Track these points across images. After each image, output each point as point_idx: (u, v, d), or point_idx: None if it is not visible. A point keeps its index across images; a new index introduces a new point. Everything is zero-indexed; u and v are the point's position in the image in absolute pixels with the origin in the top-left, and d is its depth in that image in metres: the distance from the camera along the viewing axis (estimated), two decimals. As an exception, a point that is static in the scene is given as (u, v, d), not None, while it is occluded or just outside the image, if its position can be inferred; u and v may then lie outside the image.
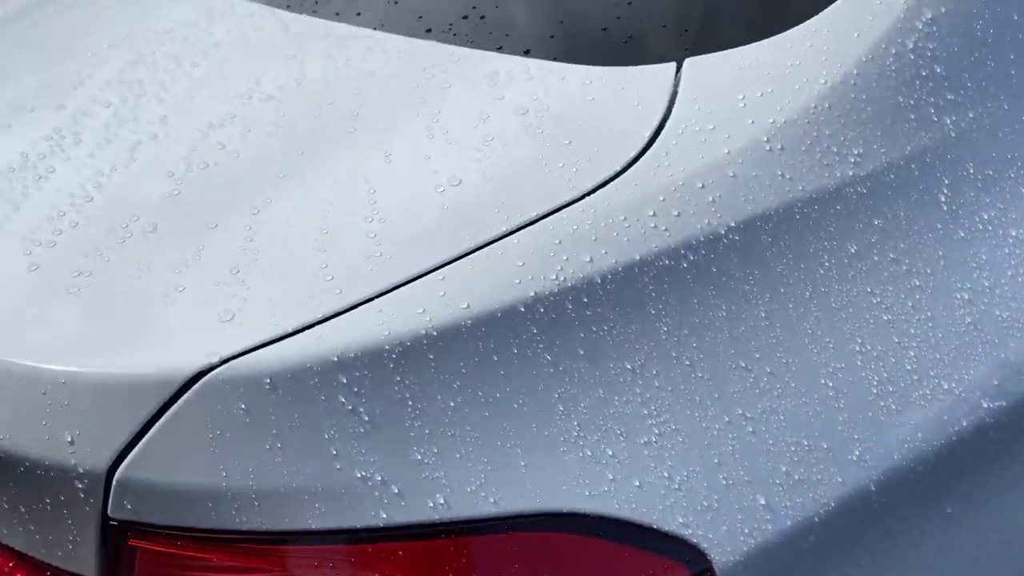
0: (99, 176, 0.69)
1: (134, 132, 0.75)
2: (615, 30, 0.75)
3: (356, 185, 0.62)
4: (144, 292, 0.55)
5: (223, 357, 0.48)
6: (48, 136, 0.77)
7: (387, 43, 0.83)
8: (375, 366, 0.49)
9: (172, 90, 0.82)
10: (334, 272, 0.54)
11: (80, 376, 0.48)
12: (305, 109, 0.74)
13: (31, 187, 0.69)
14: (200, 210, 0.62)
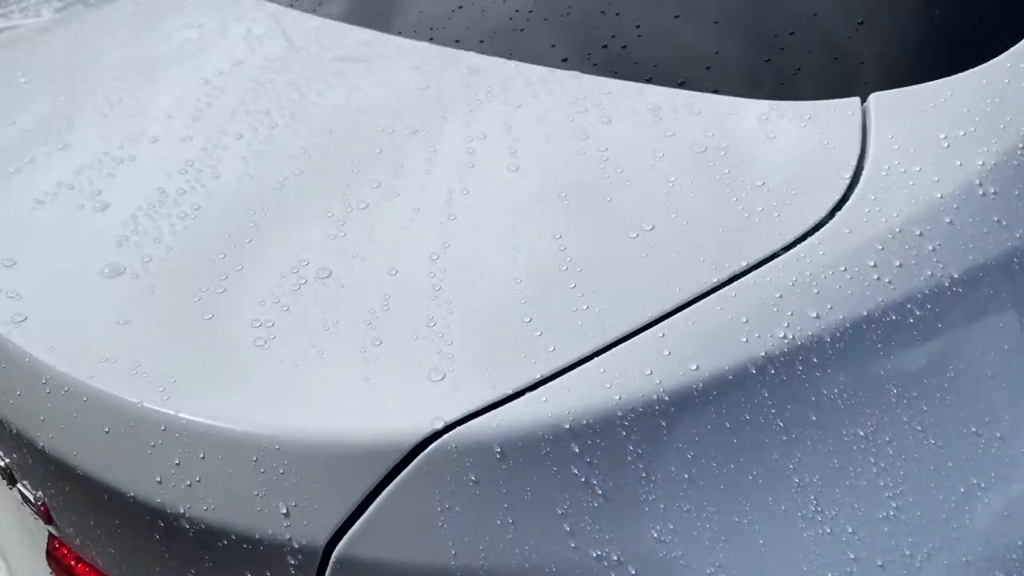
0: (251, 215, 0.66)
1: (276, 167, 0.72)
2: (781, 62, 0.71)
3: (539, 229, 0.59)
4: (339, 347, 0.51)
5: (447, 422, 0.45)
6: (182, 170, 0.74)
7: (525, 73, 0.80)
8: (607, 433, 0.45)
9: (305, 122, 0.79)
10: (541, 327, 0.51)
11: (294, 443, 0.45)
12: (458, 144, 0.71)
13: (179, 226, 0.66)
14: (373, 253, 0.59)
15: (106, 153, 0.79)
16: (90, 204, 0.71)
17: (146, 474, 0.47)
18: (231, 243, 0.63)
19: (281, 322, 0.54)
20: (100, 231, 0.67)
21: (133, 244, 0.64)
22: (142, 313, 0.56)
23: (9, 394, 0.54)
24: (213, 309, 0.56)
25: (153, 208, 0.69)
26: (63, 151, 0.80)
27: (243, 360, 0.51)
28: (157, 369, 0.51)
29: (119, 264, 0.62)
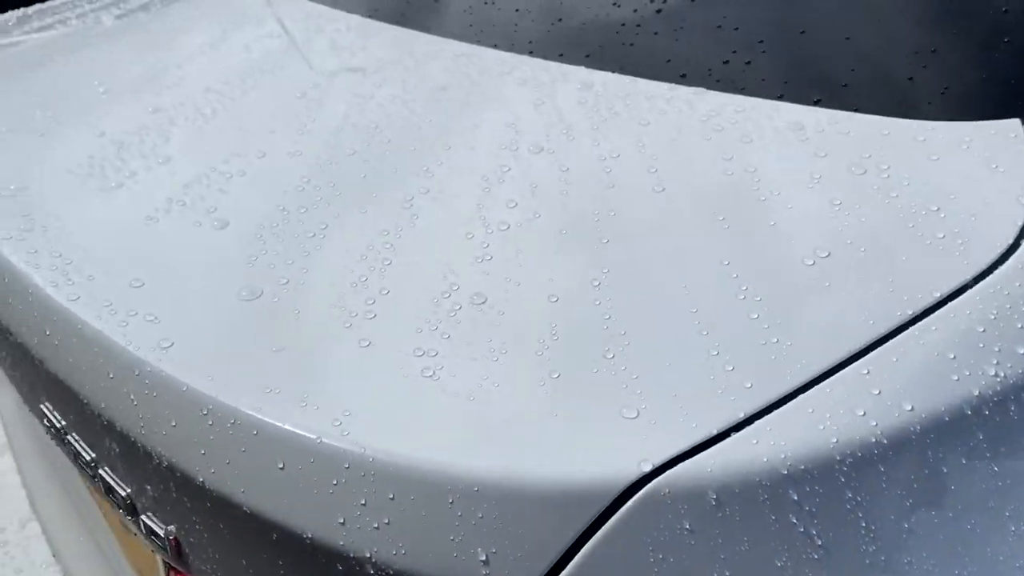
0: (384, 235, 0.63)
1: (401, 185, 0.69)
2: (925, 81, 0.69)
3: (703, 254, 0.56)
4: (514, 379, 0.48)
5: (655, 465, 0.42)
6: (299, 187, 0.71)
7: (644, 89, 0.78)
8: (825, 479, 0.43)
9: (419, 138, 0.76)
10: (730, 361, 0.48)
11: (494, 485, 0.42)
12: (593, 163, 0.68)
13: (309, 246, 0.63)
14: (527, 279, 0.56)
15: (213, 168, 0.76)
16: (207, 221, 0.68)
17: (326, 514, 0.45)
18: (369, 265, 0.60)
19: (444, 351, 0.51)
20: (225, 250, 0.64)
21: (264, 265, 0.61)
22: (293, 339, 0.54)
23: (159, 424, 0.51)
24: (368, 336, 0.53)
25: (277, 226, 0.66)
26: (164, 165, 0.78)
27: (415, 392, 0.48)
28: (327, 401, 0.48)
29: (255, 286, 0.59)
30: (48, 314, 0.59)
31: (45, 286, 0.60)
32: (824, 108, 0.70)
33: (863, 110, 0.69)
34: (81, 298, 0.58)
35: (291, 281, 0.59)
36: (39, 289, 0.60)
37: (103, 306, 0.57)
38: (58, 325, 0.58)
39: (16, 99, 0.97)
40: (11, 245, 0.65)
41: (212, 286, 0.60)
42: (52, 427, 0.70)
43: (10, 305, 0.63)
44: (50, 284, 0.60)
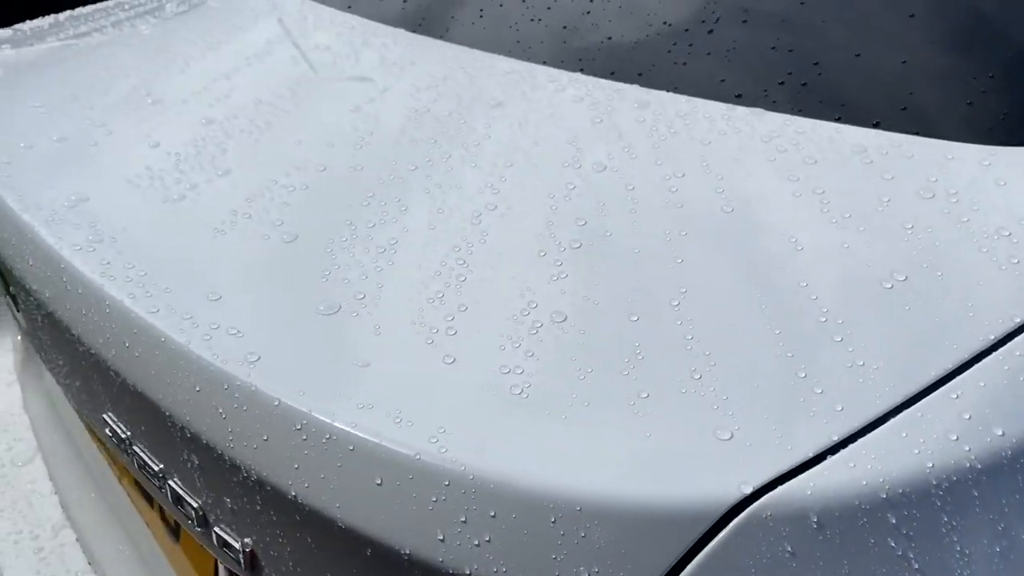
0: (455, 251, 0.64)
1: (468, 201, 0.70)
2: (986, 105, 0.70)
3: (780, 274, 0.57)
4: (604, 398, 0.49)
5: (755, 487, 0.43)
6: (364, 201, 0.72)
7: (701, 109, 0.79)
8: (922, 503, 0.43)
9: (480, 154, 0.77)
10: (819, 383, 0.49)
11: (595, 505, 0.43)
12: (658, 182, 0.69)
13: (381, 262, 0.64)
14: (605, 298, 0.57)
15: (274, 181, 0.77)
16: (276, 235, 0.69)
17: (425, 531, 0.45)
18: (444, 281, 0.61)
19: (530, 368, 0.52)
20: (297, 264, 0.65)
21: (340, 280, 0.62)
22: (378, 355, 0.54)
23: (249, 439, 0.51)
24: (452, 352, 0.54)
25: (347, 241, 0.67)
26: (225, 177, 0.79)
27: (507, 410, 0.49)
28: (420, 417, 0.48)
29: (333, 301, 0.60)
30: (127, 327, 0.59)
31: (123, 298, 0.60)
32: (885, 131, 0.71)
33: (924, 134, 0.70)
34: (161, 311, 0.59)
35: (367, 296, 0.60)
36: (117, 302, 0.60)
37: (184, 319, 0.58)
38: (139, 338, 0.58)
39: (63, 106, 0.98)
40: (82, 257, 0.66)
41: (289, 300, 0.60)
42: (115, 437, 0.71)
43: (83, 316, 0.63)
44: (128, 296, 0.60)
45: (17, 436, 1.36)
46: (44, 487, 1.25)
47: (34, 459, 1.31)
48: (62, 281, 0.65)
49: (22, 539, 1.16)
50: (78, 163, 0.84)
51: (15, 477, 1.28)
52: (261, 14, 1.24)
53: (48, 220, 0.72)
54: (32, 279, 0.70)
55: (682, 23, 0.89)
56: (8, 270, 0.79)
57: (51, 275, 0.67)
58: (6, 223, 0.75)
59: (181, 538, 0.85)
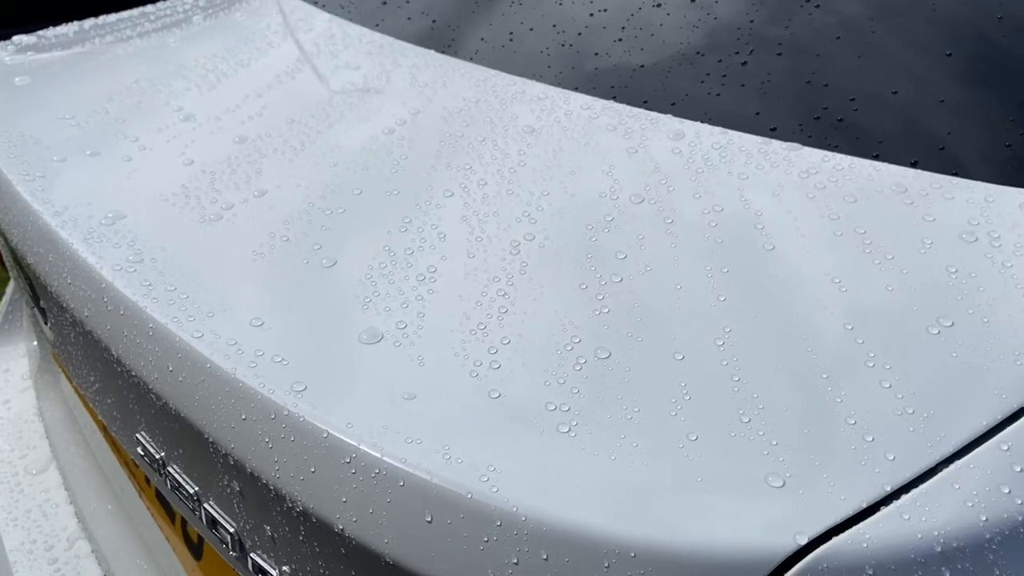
0: (495, 282, 0.64)
1: (505, 230, 0.70)
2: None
3: (821, 316, 0.57)
4: (650, 439, 0.49)
5: (810, 538, 0.43)
6: (401, 227, 0.72)
7: (737, 142, 0.79)
8: (976, 558, 0.43)
9: (517, 182, 0.77)
10: (870, 431, 0.49)
11: (648, 553, 0.43)
12: (696, 217, 0.69)
13: (421, 290, 0.64)
14: (649, 335, 0.57)
15: (311, 203, 0.77)
16: (315, 260, 0.69)
17: (476, 571, 0.45)
18: (486, 312, 0.61)
19: (576, 406, 0.52)
20: (337, 290, 0.65)
21: (381, 308, 0.62)
22: (423, 387, 0.54)
23: (295, 469, 0.51)
24: (496, 387, 0.54)
25: (386, 268, 0.67)
26: (261, 199, 0.79)
27: (555, 449, 0.49)
28: (468, 454, 0.49)
29: (375, 330, 0.60)
30: (171, 351, 0.59)
31: (166, 322, 0.60)
32: (923, 171, 0.71)
33: (962, 174, 0.70)
34: (205, 336, 0.59)
35: (408, 326, 0.60)
36: (160, 325, 0.60)
37: (229, 345, 0.58)
38: (183, 363, 0.58)
39: (93, 119, 0.98)
40: (124, 278, 0.66)
41: (331, 328, 0.61)
42: (147, 456, 0.71)
43: (125, 338, 0.63)
44: (171, 320, 0.60)
45: (31, 444, 1.36)
46: (59, 496, 1.25)
47: (48, 467, 1.31)
48: (103, 301, 0.65)
49: (36, 549, 1.16)
50: (112, 178, 0.84)
51: (29, 485, 1.28)
52: (288, 30, 1.24)
53: (87, 237, 0.72)
54: (70, 297, 0.70)
55: (716, 53, 0.90)
56: (43, 286, 0.79)
57: (91, 294, 0.67)
58: (43, 239, 0.75)
59: (204, 557, 0.85)
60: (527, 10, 1.09)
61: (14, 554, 1.14)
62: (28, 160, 0.89)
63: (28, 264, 0.80)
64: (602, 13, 1.03)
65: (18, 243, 0.81)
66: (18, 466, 1.31)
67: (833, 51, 0.84)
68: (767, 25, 0.90)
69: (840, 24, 0.86)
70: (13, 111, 1.04)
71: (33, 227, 0.77)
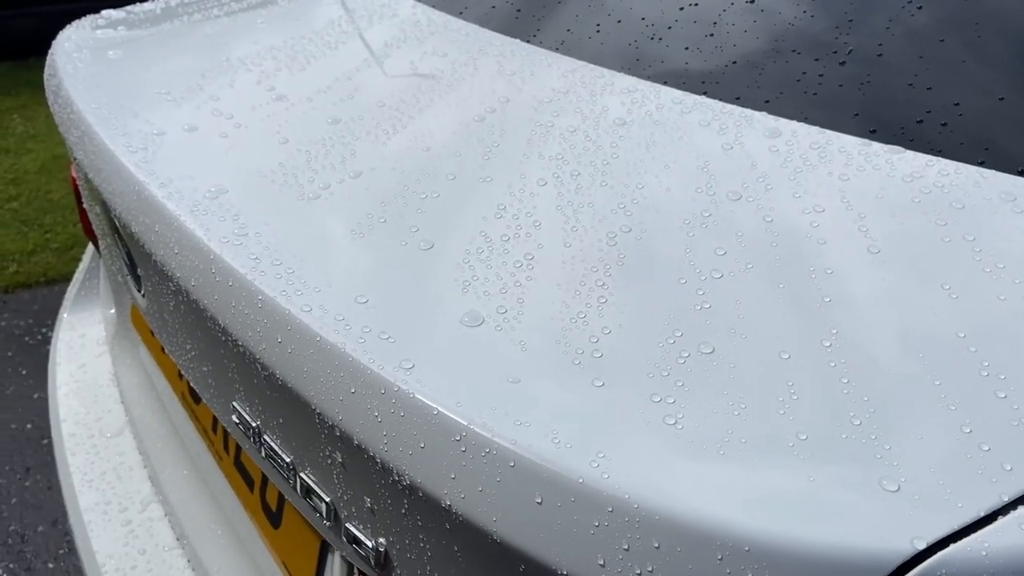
0: (593, 272, 0.65)
1: (600, 222, 0.71)
2: None
3: (932, 322, 0.56)
4: (759, 436, 0.49)
5: (928, 543, 0.42)
6: (496, 214, 0.73)
7: (836, 143, 0.78)
8: (1099, 572, 0.42)
9: (608, 173, 0.78)
10: (986, 440, 0.48)
11: (763, 548, 0.43)
12: (796, 217, 0.68)
13: (519, 276, 0.65)
14: (753, 332, 0.57)
15: (405, 187, 0.79)
16: (413, 241, 0.70)
17: (585, 554, 0.46)
18: (584, 302, 0.61)
19: (681, 400, 0.52)
20: (436, 272, 0.66)
21: (480, 291, 0.63)
22: (527, 372, 0.55)
23: (404, 444, 0.53)
24: (600, 375, 0.54)
25: (482, 253, 0.68)
26: (357, 180, 0.81)
27: (662, 439, 0.49)
28: (577, 440, 0.49)
29: (476, 313, 0.61)
30: (280, 323, 0.61)
31: (275, 295, 0.62)
32: (1038, 181, 0.69)
33: (1075, 185, 0.68)
34: (313, 310, 0.60)
35: (509, 311, 0.61)
36: (270, 299, 0.62)
37: (337, 320, 0.59)
38: (292, 335, 0.60)
39: (188, 95, 1.01)
40: (231, 250, 0.68)
41: (433, 308, 0.62)
42: (242, 424, 0.73)
43: (233, 308, 0.65)
44: (280, 293, 0.62)
45: (107, 407, 1.41)
46: (133, 459, 1.29)
47: (123, 431, 1.36)
48: (211, 272, 0.68)
49: (110, 510, 1.20)
50: (212, 154, 0.87)
51: (104, 448, 1.33)
52: (374, 15, 1.26)
53: (193, 210, 0.74)
54: (176, 267, 0.73)
55: (813, 51, 0.89)
56: (145, 255, 0.82)
57: (200, 265, 0.69)
58: (149, 210, 0.78)
59: (283, 525, 0.87)
60: (615, 1, 1.09)
61: (88, 514, 1.18)
62: (130, 133, 0.92)
63: (132, 233, 0.83)
64: (693, 7, 1.02)
65: (122, 212, 0.84)
66: (93, 428, 1.36)
67: (937, 53, 0.82)
68: (867, 24, 0.88)
69: (945, 25, 0.85)
70: (112, 84, 1.07)
71: (139, 198, 0.80)
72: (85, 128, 0.96)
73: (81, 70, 1.14)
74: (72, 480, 1.24)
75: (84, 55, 1.20)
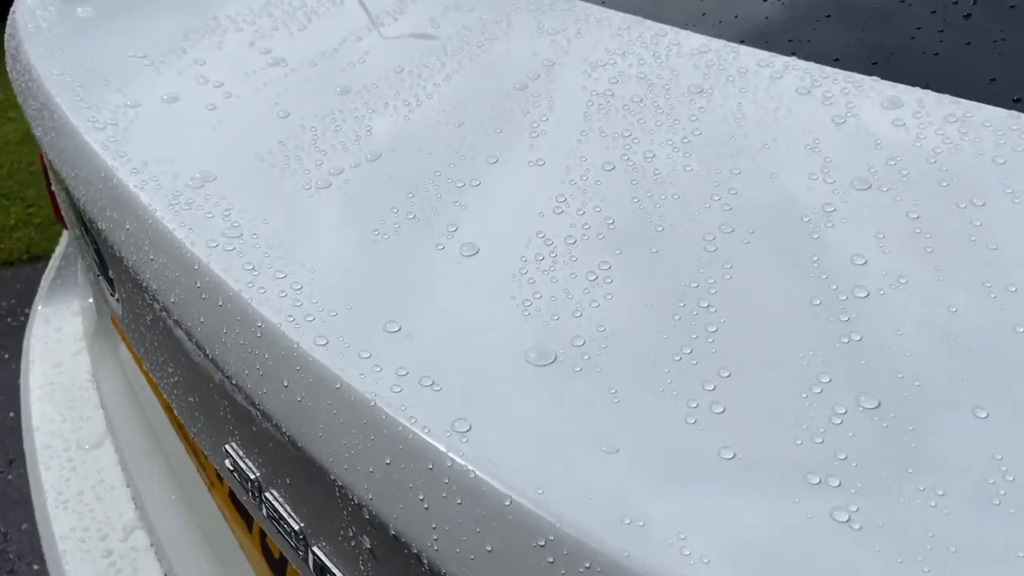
0: (693, 288, 0.49)
1: (692, 219, 0.55)
2: None
3: None
4: (957, 542, 0.34)
5: None
6: (556, 208, 0.58)
7: (978, 114, 0.62)
8: None
9: (693, 154, 0.62)
10: None
11: None
12: (947, 211, 0.53)
13: (595, 294, 0.50)
14: (927, 377, 0.42)
15: (436, 172, 0.63)
16: (452, 246, 0.55)
17: None
18: (687, 331, 0.46)
19: (851, 481, 0.38)
20: (487, 288, 0.51)
21: (546, 316, 0.48)
22: (624, 435, 0.40)
23: (459, 540, 0.38)
24: (729, 442, 0.39)
25: (544, 261, 0.52)
26: (375, 164, 0.65)
27: (838, 548, 0.35)
28: (715, 550, 0.34)
29: (545, 346, 0.46)
30: (287, 359, 0.46)
31: (280, 322, 0.47)
32: None
33: None
34: (330, 344, 0.45)
35: (587, 343, 0.46)
36: (272, 325, 0.47)
37: (362, 359, 0.44)
38: (302, 378, 0.45)
39: (170, 59, 0.84)
40: (221, 258, 0.53)
41: (487, 340, 0.47)
42: (237, 473, 0.58)
43: (224, 336, 0.50)
44: (287, 320, 0.47)
45: (85, 414, 1.26)
46: (114, 477, 1.15)
47: (103, 443, 1.21)
48: (195, 287, 0.52)
49: (88, 538, 1.06)
50: (197, 131, 0.71)
51: (82, 462, 1.18)
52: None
53: (172, 204, 0.59)
54: (152, 277, 0.57)
55: (929, 2, 0.72)
56: (115, 257, 0.67)
57: (180, 277, 0.54)
58: (118, 202, 0.62)
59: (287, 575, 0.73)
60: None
61: (64, 542, 1.04)
62: (97, 105, 0.75)
63: (98, 230, 0.67)
64: (770, -48, 0.85)
65: (87, 204, 0.68)
66: (70, 439, 1.21)
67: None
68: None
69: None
70: (77, 47, 0.90)
71: (106, 187, 0.64)
72: (45, 98, 0.80)
73: (44, 30, 0.97)
74: (46, 500, 1.09)
75: (49, 13, 1.03)
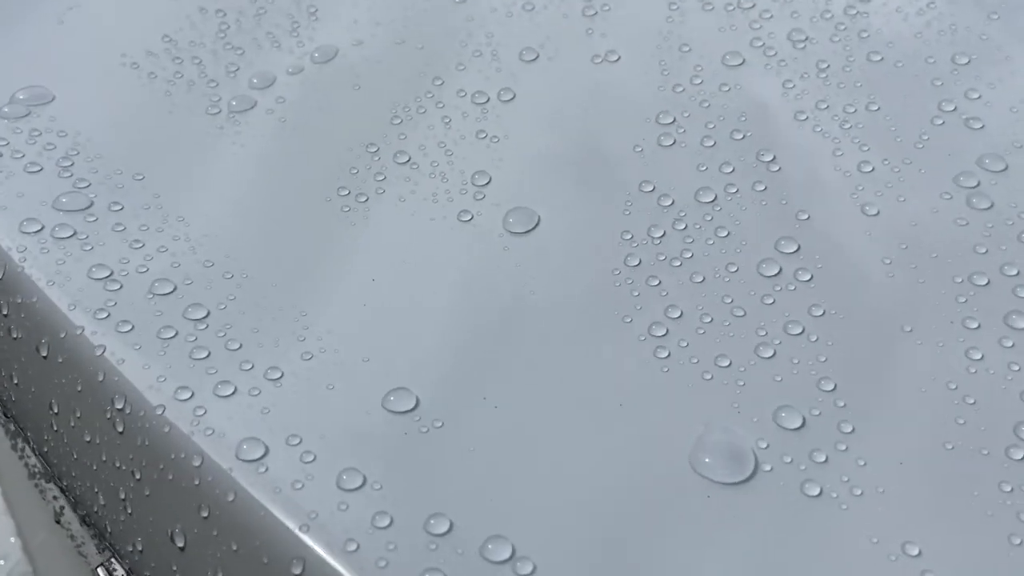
0: (813, 343, 0.33)
1: (785, 233, 0.37)
2: None
3: None
4: None
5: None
6: (624, 209, 0.38)
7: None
8: None
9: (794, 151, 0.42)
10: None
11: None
12: None
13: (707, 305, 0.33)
14: None
15: (478, 173, 0.41)
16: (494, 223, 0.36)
17: None
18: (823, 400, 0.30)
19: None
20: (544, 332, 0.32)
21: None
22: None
23: None
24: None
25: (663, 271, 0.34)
26: (327, 66, 0.44)
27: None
28: None
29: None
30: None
31: (152, 397, 0.28)
32: None
33: None
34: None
35: None
36: (140, 398, 0.28)
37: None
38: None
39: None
40: (56, 248, 0.32)
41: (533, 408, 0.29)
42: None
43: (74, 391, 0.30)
44: (172, 398, 0.28)
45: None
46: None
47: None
48: (15, 301, 0.32)
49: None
50: (26, 24, 0.47)
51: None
52: None
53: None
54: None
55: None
56: None
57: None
58: None
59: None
60: None
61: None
62: None
63: None
64: None
65: None
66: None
67: None
68: None
69: None
70: None
71: None
72: None
73: None
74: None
75: None
